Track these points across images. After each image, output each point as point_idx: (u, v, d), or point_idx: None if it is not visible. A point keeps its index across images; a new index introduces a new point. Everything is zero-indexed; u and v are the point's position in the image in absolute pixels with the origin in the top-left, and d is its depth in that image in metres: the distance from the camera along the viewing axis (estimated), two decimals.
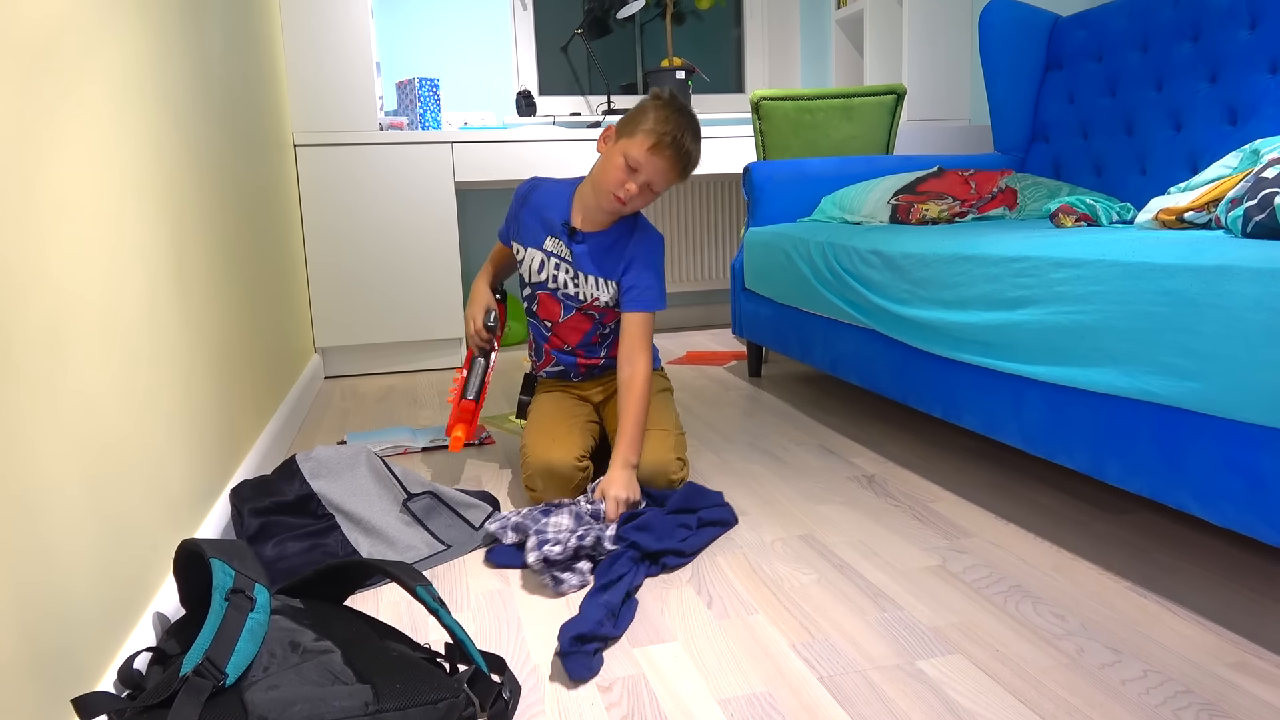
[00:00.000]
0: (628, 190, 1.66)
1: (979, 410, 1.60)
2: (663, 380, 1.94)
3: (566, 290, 1.83)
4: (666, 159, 1.65)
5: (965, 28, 3.24)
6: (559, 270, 1.82)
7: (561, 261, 1.82)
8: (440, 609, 0.97)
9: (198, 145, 1.62)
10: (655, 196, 1.72)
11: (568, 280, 1.82)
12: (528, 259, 1.85)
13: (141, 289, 1.22)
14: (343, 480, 1.51)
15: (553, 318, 1.87)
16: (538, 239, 1.84)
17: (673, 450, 1.70)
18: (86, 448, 0.97)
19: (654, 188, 1.69)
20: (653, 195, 1.70)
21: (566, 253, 1.81)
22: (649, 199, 1.71)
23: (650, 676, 1.10)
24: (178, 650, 0.97)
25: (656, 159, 1.65)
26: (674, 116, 1.65)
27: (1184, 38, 2.14)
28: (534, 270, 1.84)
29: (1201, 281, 1.10)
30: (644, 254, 1.79)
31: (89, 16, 1.10)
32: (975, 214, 2.25)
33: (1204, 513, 1.14)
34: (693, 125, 1.68)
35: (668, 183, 1.69)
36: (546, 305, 1.87)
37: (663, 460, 1.68)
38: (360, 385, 3.01)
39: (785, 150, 2.94)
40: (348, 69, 3.00)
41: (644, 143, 1.64)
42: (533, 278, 1.85)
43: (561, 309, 1.85)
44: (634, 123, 1.67)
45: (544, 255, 1.83)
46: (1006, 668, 1.08)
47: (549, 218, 1.83)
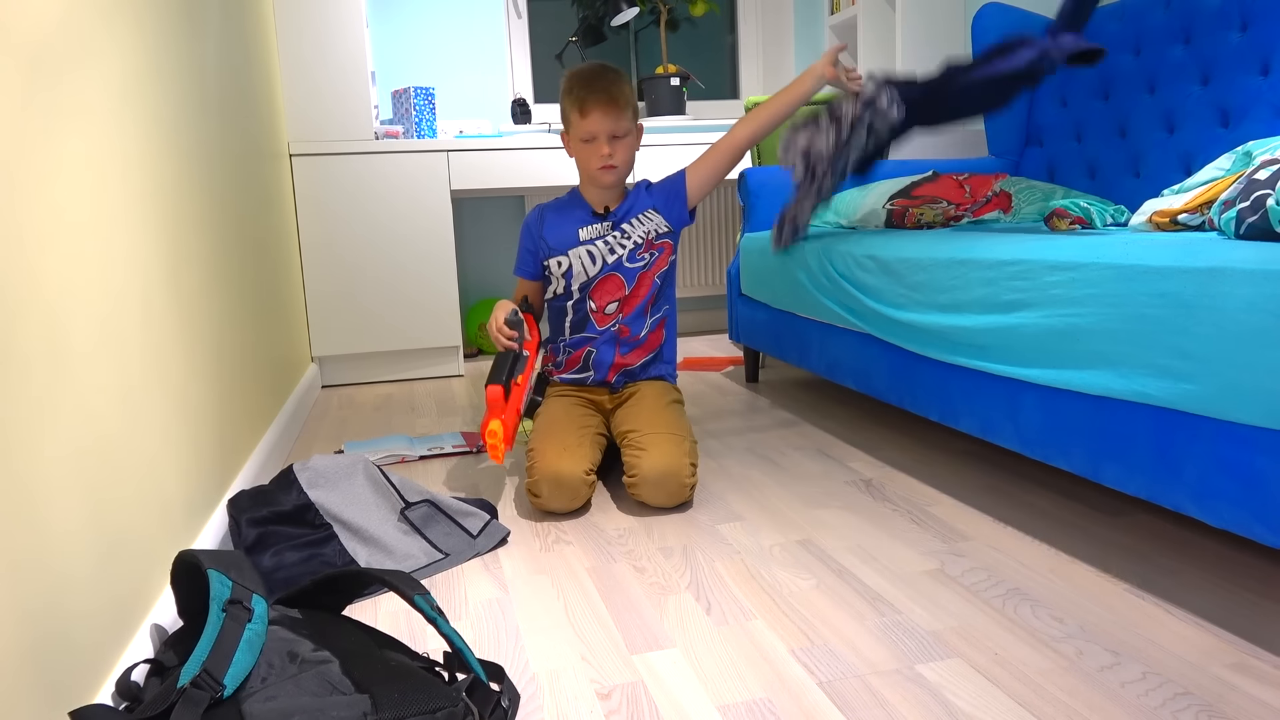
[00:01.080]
0: (604, 155, 1.84)
1: (975, 413, 1.60)
2: (675, 392, 1.97)
3: (625, 255, 1.92)
4: (596, 104, 1.82)
5: (958, 32, 3.25)
6: (610, 244, 1.92)
7: (607, 236, 1.92)
8: (438, 618, 0.97)
9: (193, 156, 1.63)
10: (628, 142, 1.87)
11: (622, 244, 1.92)
12: (574, 263, 1.92)
13: (137, 299, 1.22)
14: (340, 489, 1.51)
15: (617, 296, 1.93)
16: (573, 239, 1.93)
17: (686, 456, 1.70)
18: (83, 458, 0.97)
19: (617, 134, 1.84)
20: (625, 145, 1.86)
21: (605, 226, 1.92)
22: (626, 150, 1.87)
23: (649, 683, 1.10)
24: (175, 662, 0.97)
25: (591, 112, 1.82)
26: (573, 77, 1.86)
27: (1176, 40, 2.15)
28: (587, 267, 1.92)
29: (1195, 283, 1.10)
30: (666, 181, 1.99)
31: (84, 27, 1.11)
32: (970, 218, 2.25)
33: (1201, 514, 1.14)
34: (594, 68, 1.86)
35: (617, 120, 1.83)
36: (608, 287, 1.93)
37: (676, 465, 1.68)
38: (357, 394, 3.01)
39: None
40: (343, 78, 3.01)
41: (575, 116, 1.85)
42: (590, 273, 1.92)
43: (625, 281, 1.93)
44: (562, 113, 1.90)
45: (587, 247, 1.92)
46: (1006, 671, 1.08)
47: (573, 215, 1.94)
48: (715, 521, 1.64)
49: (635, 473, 1.69)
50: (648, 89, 3.73)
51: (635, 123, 1.91)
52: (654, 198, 1.97)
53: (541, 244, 1.96)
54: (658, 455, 1.68)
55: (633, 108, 1.88)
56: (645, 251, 1.94)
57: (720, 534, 1.58)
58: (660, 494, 1.68)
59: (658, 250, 1.96)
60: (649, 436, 1.73)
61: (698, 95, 4.05)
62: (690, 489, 1.70)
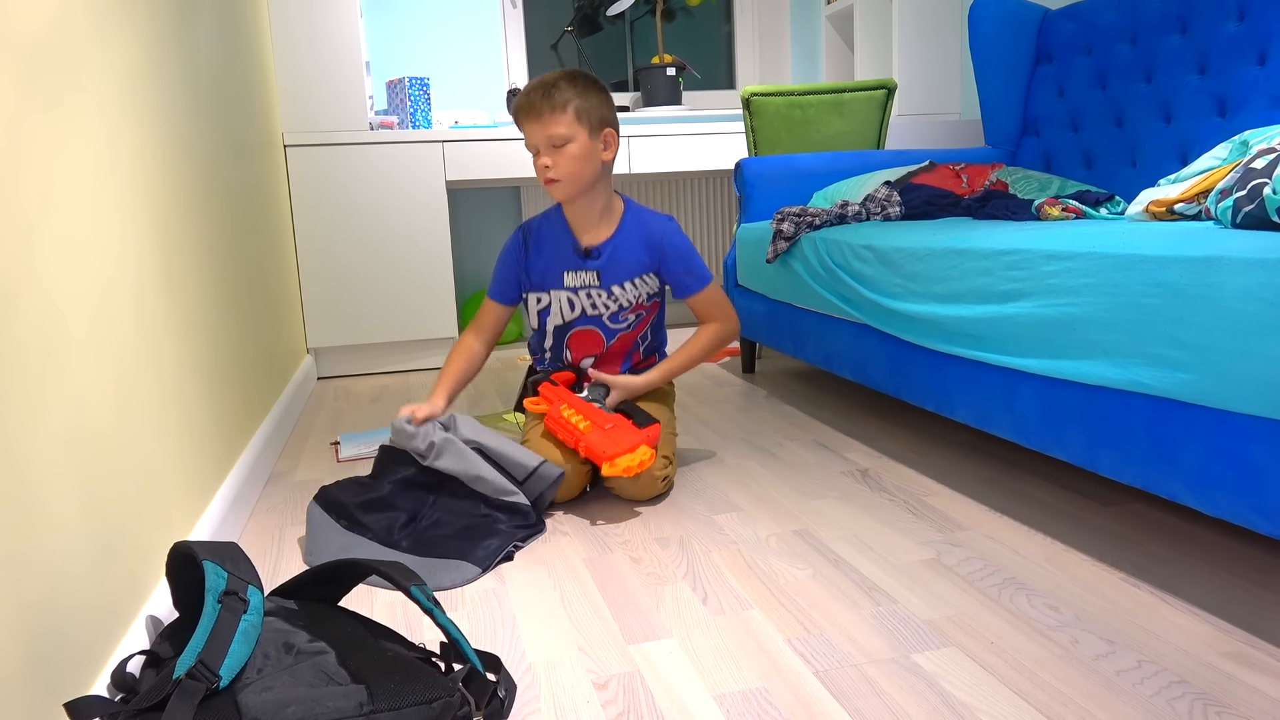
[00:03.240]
0: (542, 167, 1.71)
1: (972, 403, 1.60)
2: (668, 387, 1.94)
3: (608, 315, 1.83)
4: (524, 115, 1.71)
5: (955, 22, 3.24)
6: (593, 300, 1.82)
7: (590, 289, 1.82)
8: (435, 608, 0.97)
9: (186, 146, 1.62)
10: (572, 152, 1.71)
11: (606, 304, 1.82)
12: (554, 303, 1.84)
13: (130, 291, 1.21)
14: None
15: (593, 350, 1.86)
16: (556, 279, 1.83)
17: (659, 446, 1.70)
18: (78, 450, 0.97)
19: (555, 142, 1.70)
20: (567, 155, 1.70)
21: (590, 277, 1.81)
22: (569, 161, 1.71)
23: (646, 673, 1.10)
24: (171, 653, 0.97)
25: (523, 124, 1.72)
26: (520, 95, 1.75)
27: (1173, 30, 2.14)
28: (565, 312, 1.83)
29: (1192, 272, 1.10)
30: (669, 242, 1.83)
31: (78, 18, 1.10)
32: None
33: (1196, 503, 1.15)
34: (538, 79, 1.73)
35: (548, 125, 1.69)
36: (584, 342, 1.85)
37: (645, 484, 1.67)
38: (353, 386, 3.00)
39: (776, 146, 2.94)
40: (337, 69, 2.99)
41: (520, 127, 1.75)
42: (566, 318, 1.84)
43: (604, 338, 1.85)
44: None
45: (569, 294, 1.83)
46: (1001, 660, 1.08)
47: (559, 250, 1.83)
48: (712, 512, 1.64)
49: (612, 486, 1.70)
50: (644, 79, 3.72)
51: (588, 127, 1.71)
52: (652, 259, 1.83)
53: (524, 276, 1.87)
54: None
55: (579, 111, 1.69)
56: (632, 313, 1.85)
57: (717, 524, 1.58)
58: (632, 489, 1.68)
59: (645, 311, 1.88)
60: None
61: (694, 85, 4.04)
62: (663, 481, 1.69)
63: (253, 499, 1.79)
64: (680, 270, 1.84)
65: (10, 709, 0.76)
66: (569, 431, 1.65)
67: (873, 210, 2.21)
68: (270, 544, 1.59)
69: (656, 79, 3.70)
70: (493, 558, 1.43)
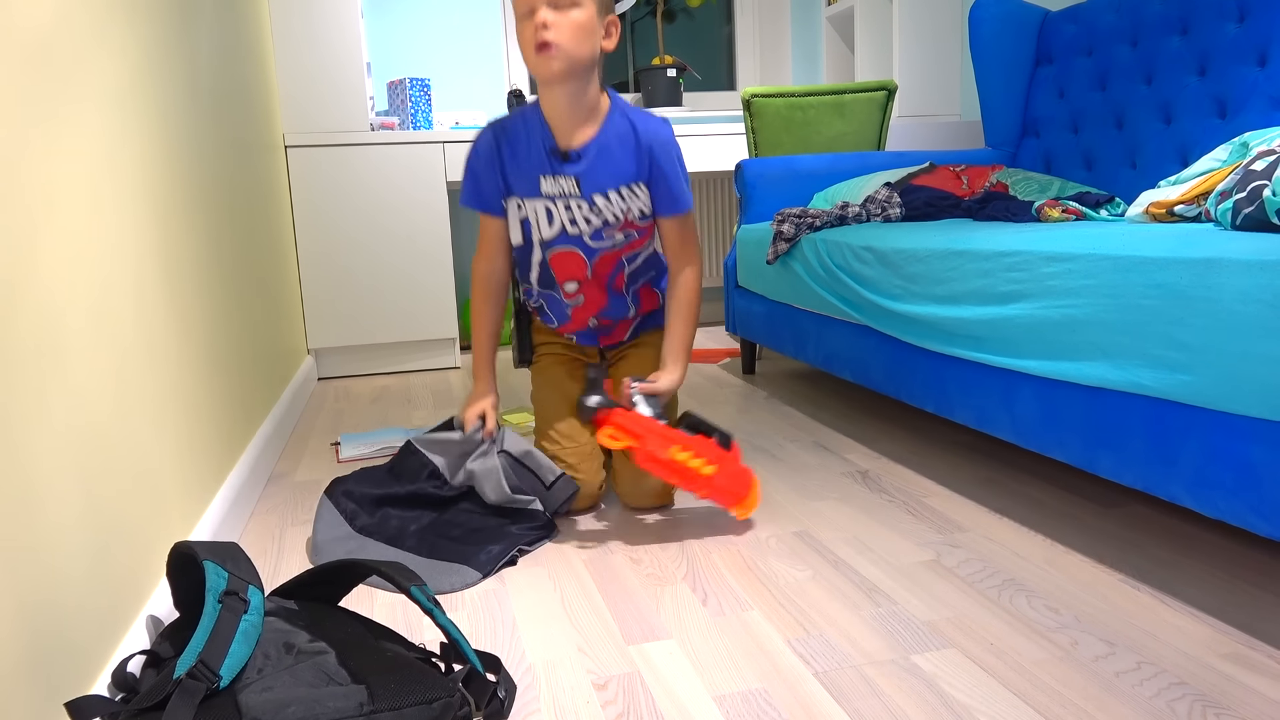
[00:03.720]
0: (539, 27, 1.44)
1: (971, 405, 1.60)
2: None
3: (588, 229, 1.59)
4: None
5: (955, 23, 3.24)
6: (573, 210, 1.58)
7: (569, 199, 1.57)
8: (435, 609, 0.97)
9: (187, 147, 1.62)
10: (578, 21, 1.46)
11: (586, 216, 1.58)
12: (531, 213, 1.60)
13: (130, 292, 1.21)
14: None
15: (577, 276, 1.64)
16: (532, 187, 1.58)
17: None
18: (78, 450, 0.97)
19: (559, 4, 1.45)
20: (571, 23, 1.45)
21: (569, 184, 1.57)
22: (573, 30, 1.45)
23: (646, 674, 1.10)
24: (171, 653, 0.97)
25: None
26: None
27: (1173, 31, 2.14)
28: (543, 224, 1.60)
29: (1191, 274, 1.10)
30: (659, 152, 1.59)
31: (79, 19, 1.10)
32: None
33: (1196, 505, 1.15)
34: None
35: None
36: (566, 264, 1.63)
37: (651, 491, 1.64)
38: (354, 386, 3.01)
39: (777, 147, 2.94)
40: (338, 69, 3.00)
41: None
42: (543, 233, 1.61)
43: (586, 261, 1.62)
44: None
45: (546, 203, 1.59)
46: (1001, 661, 1.08)
47: (532, 153, 1.58)
48: (711, 513, 1.64)
49: (617, 482, 1.66)
50: (644, 80, 3.73)
51: (598, 3, 1.49)
52: (640, 168, 1.59)
53: (505, 170, 1.60)
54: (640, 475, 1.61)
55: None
56: (620, 230, 1.62)
57: (716, 525, 1.58)
58: (644, 499, 1.65)
59: (636, 232, 1.65)
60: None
61: (694, 86, 4.04)
62: (671, 491, 1.67)
63: (253, 499, 1.79)
64: (662, 185, 1.60)
65: (11, 709, 0.76)
66: (688, 477, 1.48)
67: (873, 211, 2.22)
68: (271, 544, 1.59)
69: (657, 80, 3.70)
70: (494, 563, 1.43)
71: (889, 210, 2.20)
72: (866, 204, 2.24)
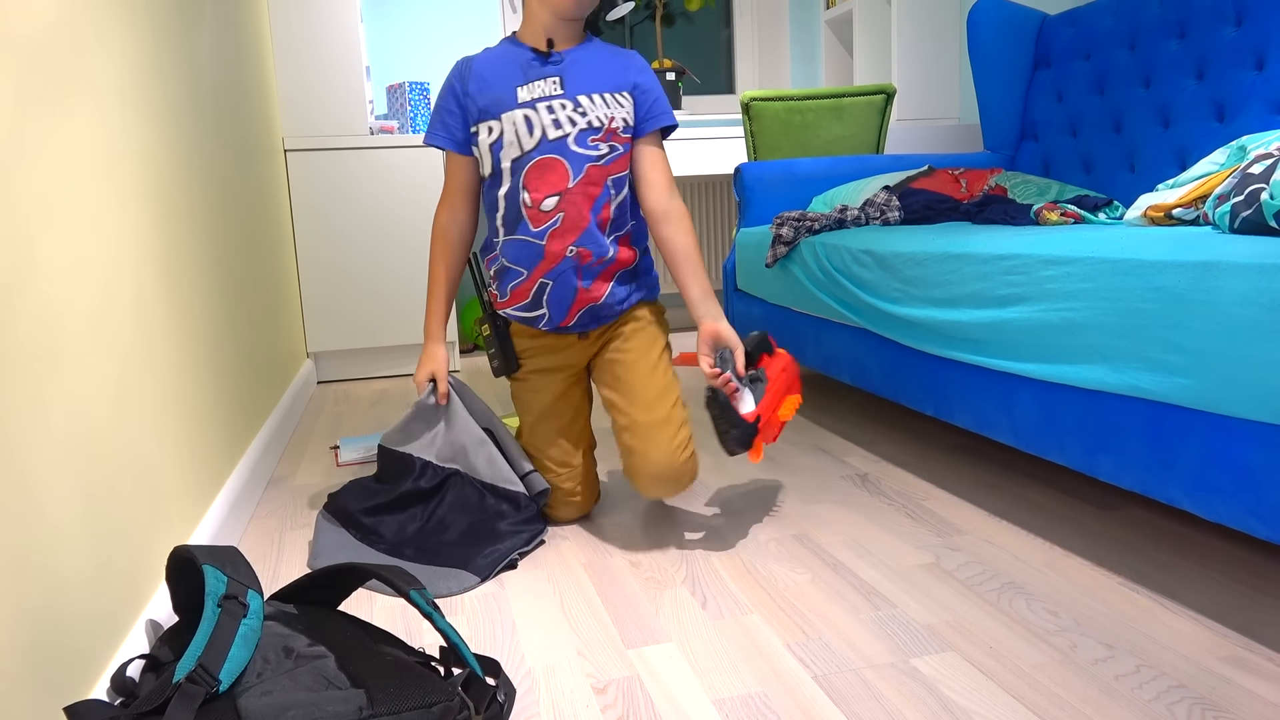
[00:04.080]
0: None
1: (970, 408, 1.60)
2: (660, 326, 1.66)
3: (574, 135, 1.49)
4: None
5: (954, 27, 3.25)
6: (555, 113, 1.49)
7: (551, 100, 1.50)
8: (434, 613, 0.97)
9: (187, 151, 1.62)
10: None
11: (571, 117, 1.49)
12: (506, 130, 1.50)
13: (130, 296, 1.21)
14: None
15: (558, 187, 1.50)
16: (508, 98, 1.50)
17: (686, 448, 1.53)
18: (78, 454, 0.97)
19: None
20: None
21: (552, 85, 1.50)
22: None
23: (645, 677, 1.10)
24: (170, 657, 0.97)
25: None
26: None
27: (1171, 35, 2.15)
28: (521, 137, 1.49)
29: (1190, 277, 1.10)
30: (640, 65, 1.57)
31: (79, 23, 1.10)
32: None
33: (1195, 508, 1.15)
34: None
35: None
36: (546, 175, 1.50)
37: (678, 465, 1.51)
38: (353, 390, 3.01)
39: (776, 151, 2.94)
40: (337, 73, 3.00)
41: None
42: (524, 146, 1.50)
43: (570, 169, 1.49)
44: None
45: (525, 111, 1.50)
46: (1000, 664, 1.08)
47: (508, 66, 1.52)
48: (710, 516, 1.64)
49: (636, 475, 1.53)
50: None
51: None
52: (624, 78, 1.54)
53: (469, 102, 1.52)
54: (659, 455, 1.50)
55: None
56: (603, 139, 1.52)
57: (715, 528, 1.58)
58: (665, 489, 1.54)
59: (620, 147, 1.54)
60: (647, 430, 1.51)
61: (693, 90, 4.05)
62: (692, 475, 1.54)
63: (252, 503, 1.79)
64: (649, 98, 1.55)
65: (10, 713, 0.76)
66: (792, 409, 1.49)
67: (872, 215, 2.22)
68: (270, 548, 1.59)
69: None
70: (493, 567, 1.43)
71: (888, 213, 2.20)
72: (865, 207, 2.25)
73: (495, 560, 1.44)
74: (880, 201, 2.24)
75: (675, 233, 1.55)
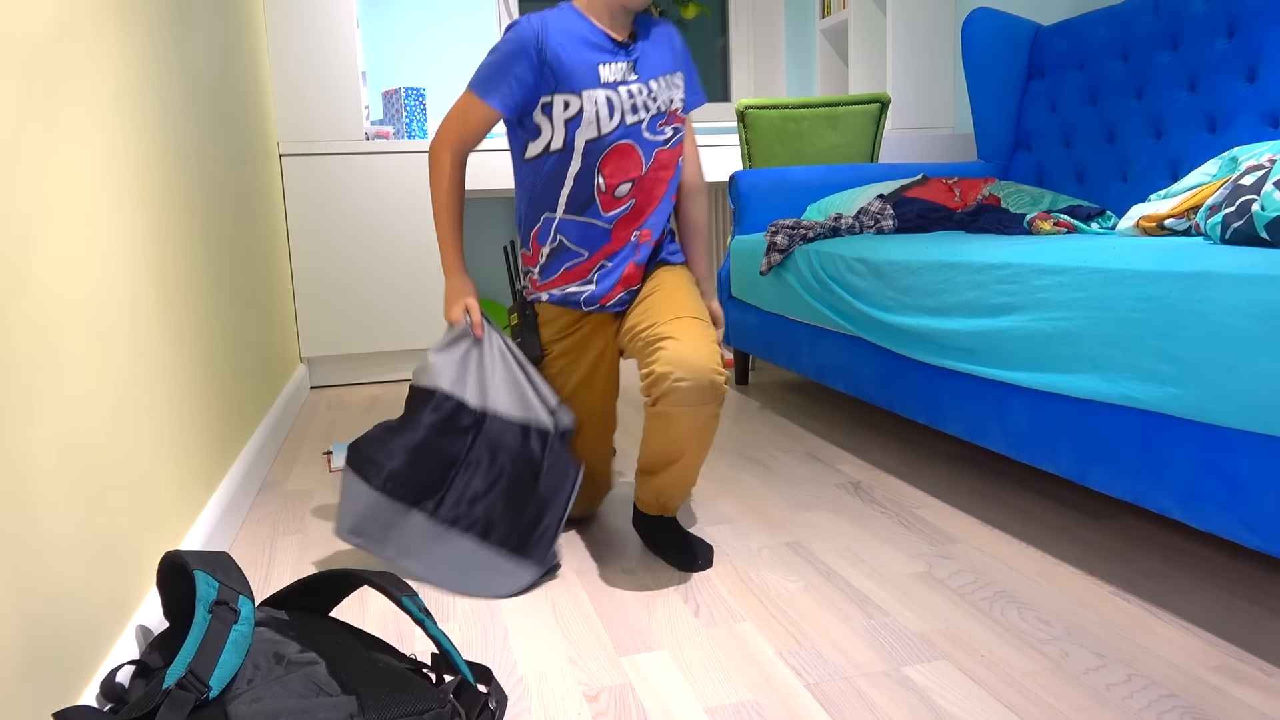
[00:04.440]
0: None
1: (963, 416, 1.61)
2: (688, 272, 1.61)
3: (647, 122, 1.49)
4: None
5: (948, 37, 3.26)
6: (634, 98, 1.48)
7: (628, 85, 1.48)
8: (426, 619, 0.97)
9: (182, 156, 1.62)
10: None
11: (645, 103, 1.49)
12: (587, 109, 1.46)
13: (125, 301, 1.21)
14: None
15: (632, 174, 1.49)
16: (589, 75, 1.46)
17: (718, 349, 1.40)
18: (69, 458, 0.96)
19: None
20: None
21: (626, 68, 1.48)
22: None
23: (637, 685, 1.10)
24: (160, 663, 0.97)
25: None
26: None
27: (1163, 47, 2.16)
28: (601, 120, 1.46)
29: (1181, 288, 1.11)
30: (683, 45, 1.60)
31: (75, 29, 1.10)
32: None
33: (1186, 517, 1.15)
34: None
35: None
36: (622, 161, 1.49)
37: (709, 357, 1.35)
38: (346, 395, 3.00)
39: (771, 159, 2.95)
40: (333, 78, 3.00)
41: None
42: (601, 129, 1.47)
43: (643, 157, 1.49)
44: None
45: (607, 92, 1.46)
46: (992, 673, 1.09)
47: (584, 41, 1.47)
48: (704, 523, 1.64)
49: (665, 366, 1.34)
50: None
51: None
52: (675, 60, 1.55)
53: (547, 71, 1.45)
54: (691, 344, 1.35)
55: None
56: (668, 124, 1.52)
57: (709, 536, 1.58)
58: (694, 392, 1.34)
59: (680, 129, 1.55)
60: (681, 325, 1.39)
61: None
62: (722, 392, 1.37)
63: (244, 508, 1.79)
64: (692, 76, 1.59)
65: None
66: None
67: (866, 223, 2.23)
68: (261, 553, 1.58)
69: None
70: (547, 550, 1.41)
71: (882, 222, 2.21)
72: (859, 216, 2.25)
73: (547, 542, 1.41)
74: (874, 210, 2.25)
75: (700, 210, 1.66)
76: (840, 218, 2.27)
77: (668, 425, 1.37)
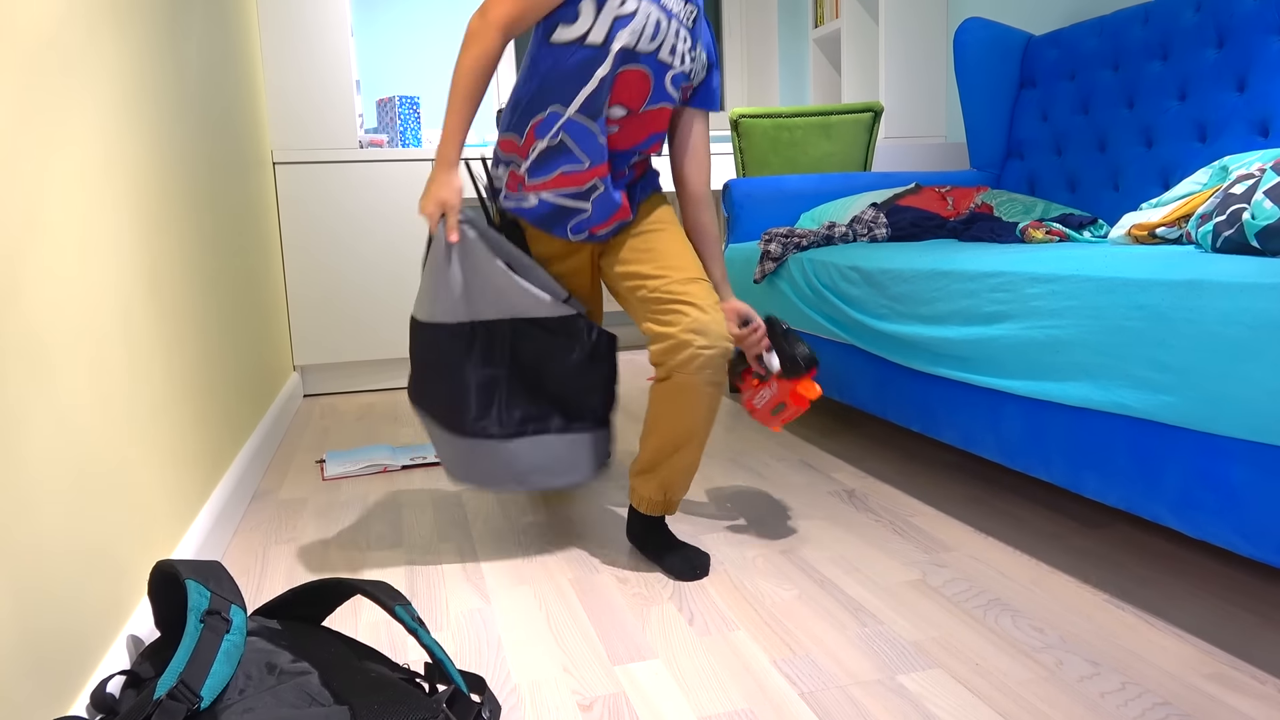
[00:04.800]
0: None
1: (957, 424, 1.61)
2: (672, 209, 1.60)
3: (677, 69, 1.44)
4: None
5: (941, 47, 3.28)
6: (678, 40, 1.43)
7: (681, 27, 1.43)
8: (419, 628, 0.97)
9: (175, 163, 1.62)
10: None
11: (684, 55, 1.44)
12: (639, 18, 1.38)
13: (117, 309, 1.21)
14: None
15: (632, 104, 1.44)
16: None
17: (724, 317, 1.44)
18: (60, 467, 0.96)
19: None
20: None
21: (687, 14, 1.44)
22: None
23: (631, 694, 1.09)
24: (152, 673, 0.96)
25: None
26: None
27: (1154, 57, 2.17)
28: (646, 34, 1.39)
29: (1173, 296, 1.11)
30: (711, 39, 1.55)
31: (69, 38, 1.10)
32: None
33: (1180, 525, 1.15)
34: None
35: None
36: (631, 86, 1.42)
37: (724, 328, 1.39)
38: (339, 403, 2.99)
39: (764, 167, 2.96)
40: (327, 87, 3.00)
41: None
42: (640, 46, 1.39)
43: (651, 89, 1.43)
44: None
45: (663, 16, 1.40)
46: (986, 681, 1.08)
47: None
48: (698, 532, 1.64)
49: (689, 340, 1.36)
50: None
51: None
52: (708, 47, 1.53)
53: None
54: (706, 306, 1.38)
55: None
56: (682, 93, 1.51)
57: (703, 544, 1.58)
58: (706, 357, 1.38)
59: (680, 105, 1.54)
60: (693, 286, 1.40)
61: None
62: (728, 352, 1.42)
63: (237, 517, 1.78)
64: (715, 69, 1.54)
65: None
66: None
67: (859, 232, 2.23)
68: (254, 563, 1.58)
69: None
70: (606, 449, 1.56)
71: (875, 230, 2.22)
72: (853, 224, 2.26)
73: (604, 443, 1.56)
74: (868, 218, 2.25)
75: (710, 220, 1.60)
76: (834, 226, 2.27)
77: (683, 399, 1.40)
